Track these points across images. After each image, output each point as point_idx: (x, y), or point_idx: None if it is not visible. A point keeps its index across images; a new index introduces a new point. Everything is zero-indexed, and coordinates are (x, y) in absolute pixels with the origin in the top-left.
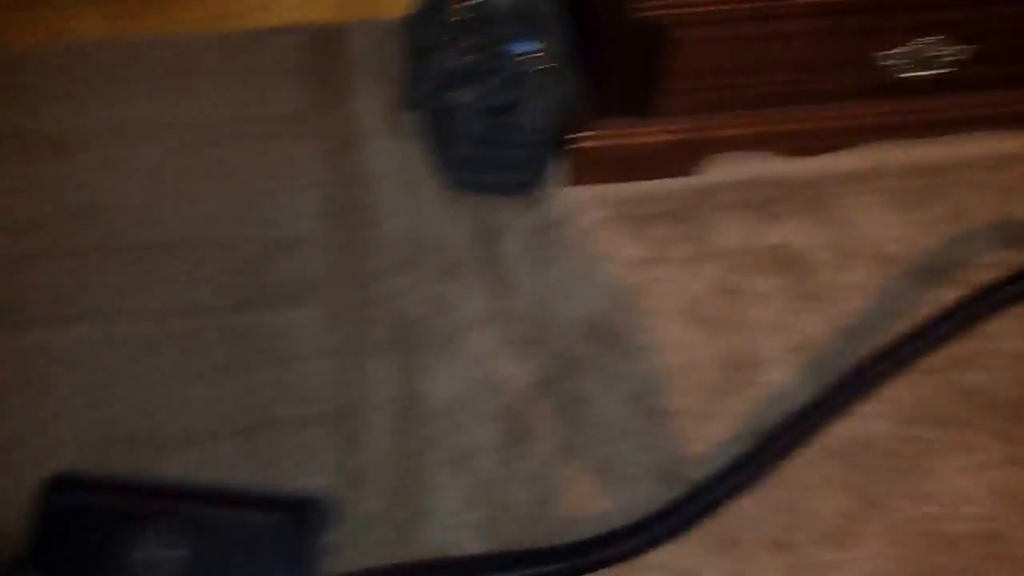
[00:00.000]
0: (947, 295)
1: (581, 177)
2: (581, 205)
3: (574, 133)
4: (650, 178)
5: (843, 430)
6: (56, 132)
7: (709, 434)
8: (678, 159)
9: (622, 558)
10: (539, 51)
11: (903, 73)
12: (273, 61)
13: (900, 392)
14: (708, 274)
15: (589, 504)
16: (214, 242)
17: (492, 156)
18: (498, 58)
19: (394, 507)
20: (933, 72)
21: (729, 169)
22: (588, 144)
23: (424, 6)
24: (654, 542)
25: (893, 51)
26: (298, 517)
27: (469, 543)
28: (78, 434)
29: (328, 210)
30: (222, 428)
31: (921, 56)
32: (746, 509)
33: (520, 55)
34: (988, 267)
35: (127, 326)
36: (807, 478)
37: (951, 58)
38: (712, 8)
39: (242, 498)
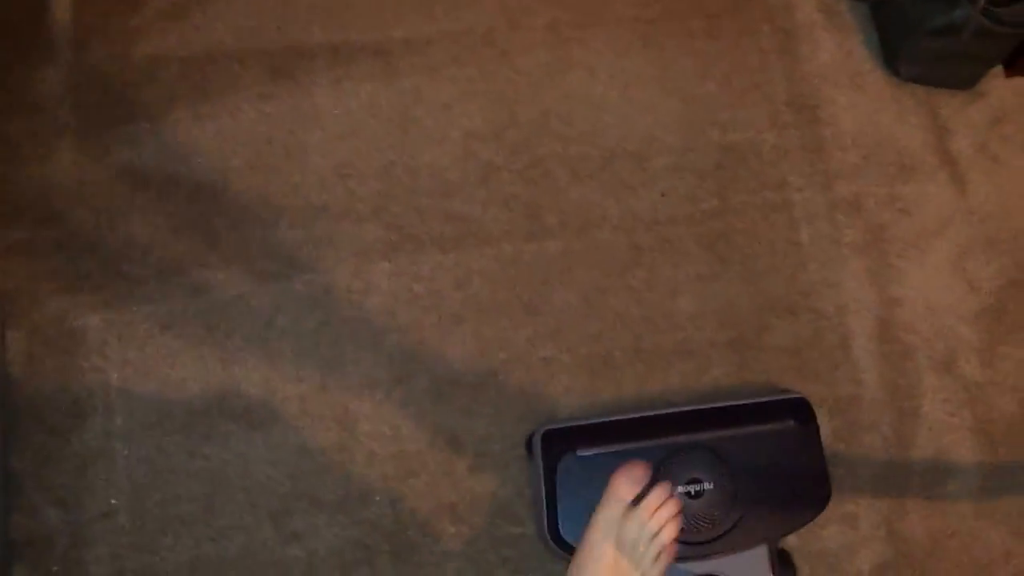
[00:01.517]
0: None
1: (1019, 68)
2: (1022, 98)
3: None
4: None
5: None
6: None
7: None
8: None
9: None
10: None
11: None
12: None
13: None
14: None
15: None
16: (671, 150)
17: (955, 48)
18: None
19: (886, 411)
20: None
21: None
22: None
23: None
24: None
25: None
26: (804, 419)
27: (959, 447)
28: (573, 347)
29: (779, 110)
30: (711, 338)
31: None
32: None
33: None
34: None
35: (607, 235)
36: None
37: None
38: None
39: (744, 413)
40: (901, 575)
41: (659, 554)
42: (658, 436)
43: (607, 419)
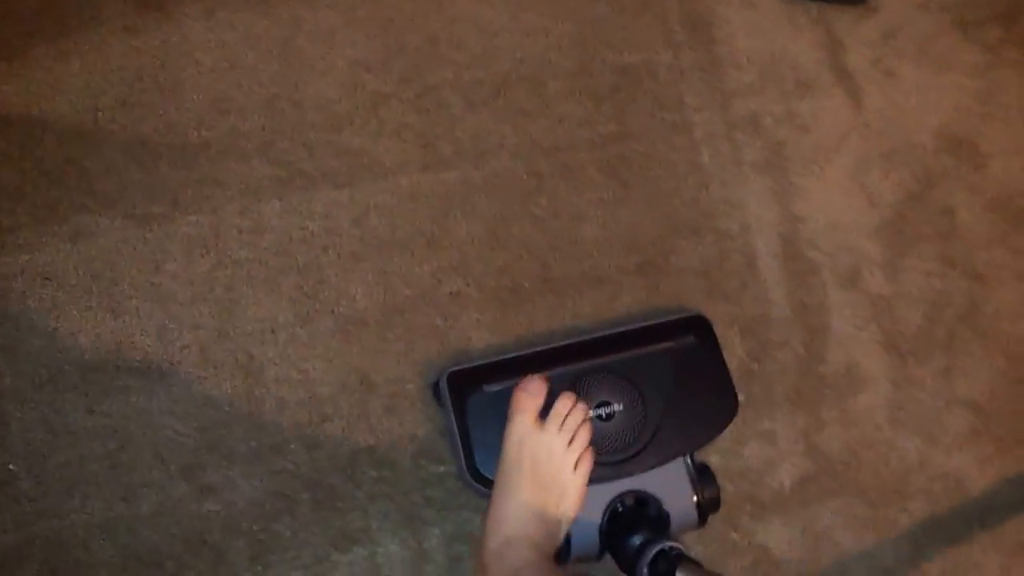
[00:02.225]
0: None
1: None
2: (913, 12)
3: None
4: None
5: None
6: None
7: None
8: None
9: None
10: None
11: None
12: None
13: None
14: None
15: (976, 310)
16: (567, 74)
17: None
18: None
19: (796, 328)
20: None
21: None
22: None
23: None
24: None
25: None
26: (703, 334)
27: (869, 360)
28: (480, 280)
29: (672, 30)
30: (619, 264)
31: None
32: None
33: None
34: None
35: (506, 163)
36: None
37: None
38: None
39: (645, 334)
40: (822, 487)
41: (577, 461)
42: (563, 365)
43: (508, 356)
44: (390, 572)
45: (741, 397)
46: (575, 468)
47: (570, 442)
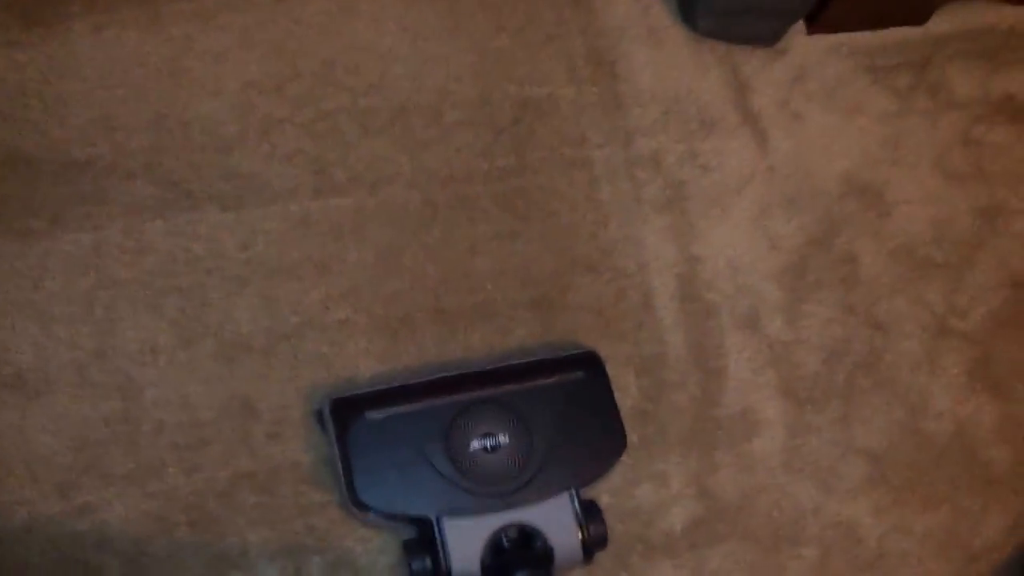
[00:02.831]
0: None
1: (821, 25)
2: (824, 55)
3: None
4: (886, 26)
5: None
6: None
7: (975, 284)
8: (913, 4)
9: None
10: None
11: None
12: None
13: None
14: (950, 125)
15: (876, 359)
16: (466, 104)
17: (753, 1)
18: None
19: (692, 369)
20: None
21: (960, 17)
22: None
23: None
24: None
25: None
26: (593, 371)
27: (765, 404)
28: (370, 308)
29: (576, 64)
30: (513, 298)
31: None
32: None
33: None
34: None
35: (401, 192)
36: None
37: None
38: None
39: (535, 368)
40: (713, 530)
41: None
42: (448, 395)
43: (394, 384)
44: None
45: (634, 437)
46: None
47: None
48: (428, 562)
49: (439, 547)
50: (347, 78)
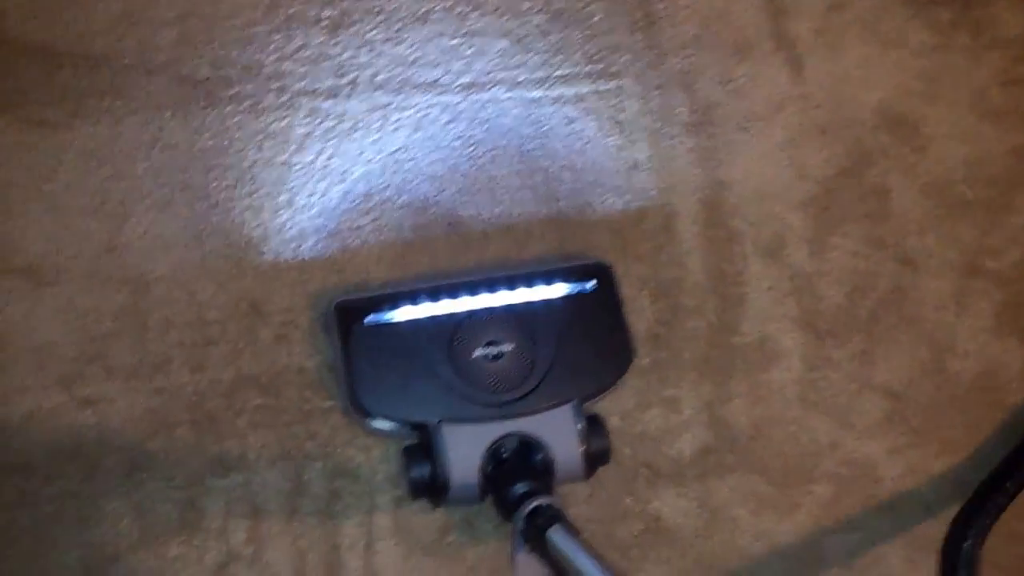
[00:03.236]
0: None
1: None
2: None
3: None
4: None
5: None
6: None
7: (1010, 225)
8: None
9: None
10: None
11: None
12: None
13: None
14: (991, 64)
15: (902, 296)
16: (495, 8)
17: None
18: None
19: (710, 296)
20: None
21: None
22: None
23: None
24: None
25: None
26: (604, 282)
27: (784, 335)
28: (386, 215)
29: None
30: (531, 213)
31: None
32: None
33: None
34: None
35: (421, 98)
36: None
37: None
38: None
39: (543, 277)
40: (723, 461)
41: None
42: (454, 302)
43: (399, 289)
44: (265, 501)
45: (646, 361)
46: None
47: None
48: (427, 470)
49: (438, 455)
50: None
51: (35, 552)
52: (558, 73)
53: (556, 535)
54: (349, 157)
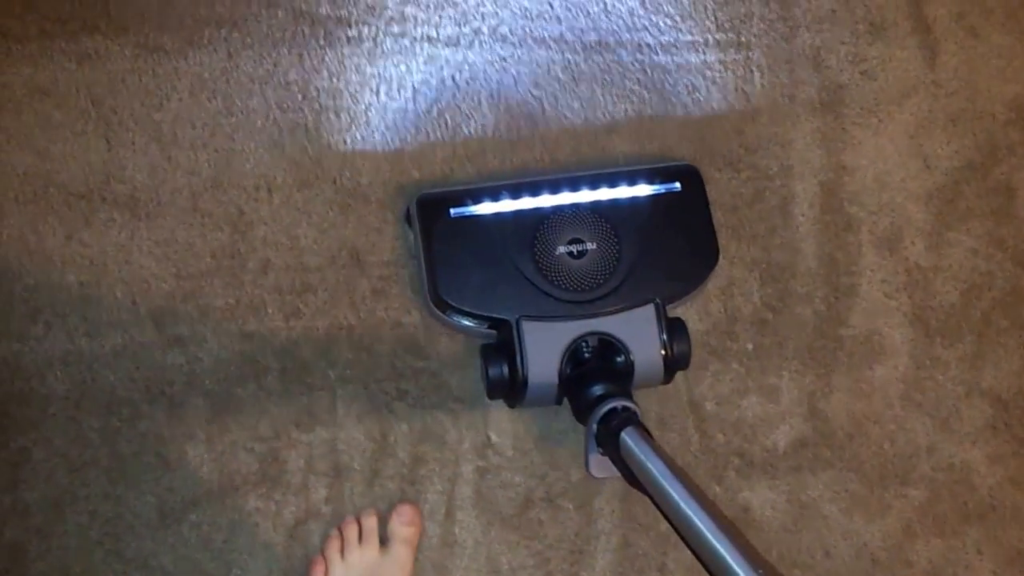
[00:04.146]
0: None
1: None
2: None
3: None
4: None
5: None
6: None
7: None
8: None
9: None
10: None
11: None
12: None
13: None
14: None
15: (1019, 299)
16: None
17: None
18: None
19: (821, 284)
20: None
21: None
22: None
23: None
24: None
25: None
26: (691, 184)
27: (893, 331)
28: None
29: None
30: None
31: None
32: None
33: None
34: None
35: (542, 54)
36: None
37: None
38: None
39: (630, 177)
40: (818, 456)
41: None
42: (538, 199)
43: (482, 184)
44: (349, 460)
45: (749, 345)
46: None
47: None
48: (505, 369)
49: (517, 353)
50: None
51: (112, 492)
52: (686, 39)
53: (630, 437)
54: (464, 109)
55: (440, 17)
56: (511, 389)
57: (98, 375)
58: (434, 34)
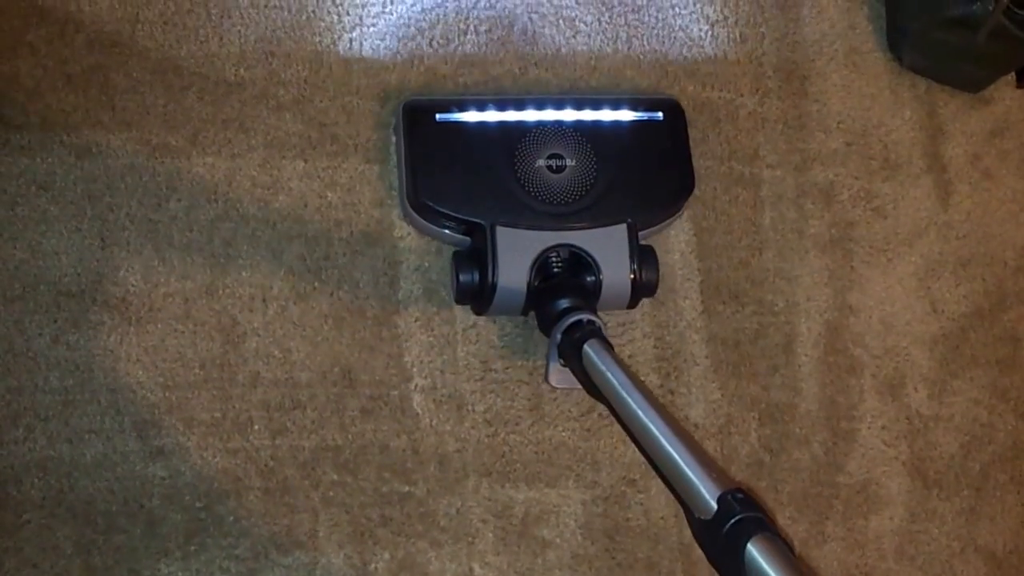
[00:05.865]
0: None
1: None
2: None
3: None
4: None
5: None
6: None
7: None
8: None
9: None
10: None
11: None
12: None
13: None
14: None
15: (1019, 454)
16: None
17: (967, 45)
18: None
19: (820, 428)
20: None
21: None
22: None
23: None
24: None
25: None
26: (672, 115)
27: (890, 480)
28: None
29: (765, 73)
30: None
31: None
32: None
33: None
34: None
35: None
36: None
37: None
38: None
39: (614, 103)
40: None
41: None
42: (522, 113)
43: (469, 95)
44: None
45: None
46: None
47: None
48: (475, 275)
49: (488, 257)
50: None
51: None
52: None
53: (592, 349)
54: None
55: None
56: (480, 294)
57: (76, 484)
58: None
